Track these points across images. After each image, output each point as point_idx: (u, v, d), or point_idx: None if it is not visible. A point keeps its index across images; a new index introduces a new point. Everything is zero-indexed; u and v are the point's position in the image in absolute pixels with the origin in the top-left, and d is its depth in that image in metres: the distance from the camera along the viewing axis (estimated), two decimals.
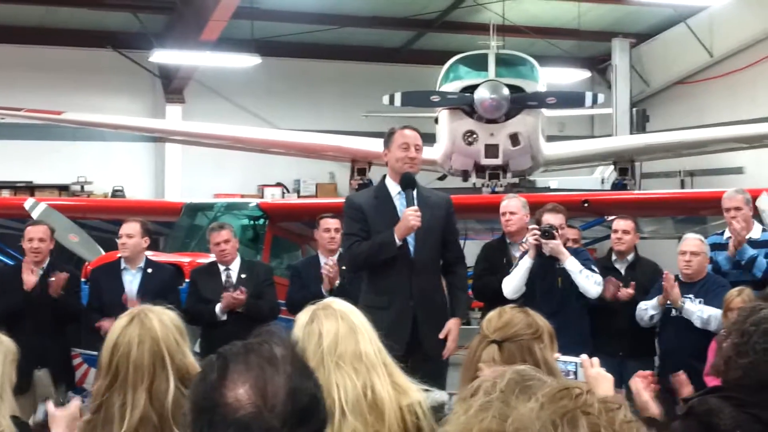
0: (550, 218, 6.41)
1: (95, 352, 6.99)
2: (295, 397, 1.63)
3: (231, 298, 7.04)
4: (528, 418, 1.11)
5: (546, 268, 6.34)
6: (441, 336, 5.34)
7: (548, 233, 6.24)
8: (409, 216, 5.19)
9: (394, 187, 5.46)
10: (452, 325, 5.40)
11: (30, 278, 6.88)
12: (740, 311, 3.06)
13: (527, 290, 6.33)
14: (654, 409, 3.16)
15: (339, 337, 2.63)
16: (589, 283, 6.26)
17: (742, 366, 2.76)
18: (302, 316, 2.73)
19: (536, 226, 6.30)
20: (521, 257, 6.41)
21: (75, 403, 3.01)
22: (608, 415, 1.12)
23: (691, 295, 6.44)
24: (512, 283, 6.30)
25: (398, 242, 5.25)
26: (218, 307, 7.09)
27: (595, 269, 6.43)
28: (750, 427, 2.60)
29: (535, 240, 6.21)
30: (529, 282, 6.33)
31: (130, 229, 7.08)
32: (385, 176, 5.58)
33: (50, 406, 2.99)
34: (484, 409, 1.16)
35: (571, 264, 6.24)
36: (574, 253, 6.47)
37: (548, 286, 6.32)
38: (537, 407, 1.13)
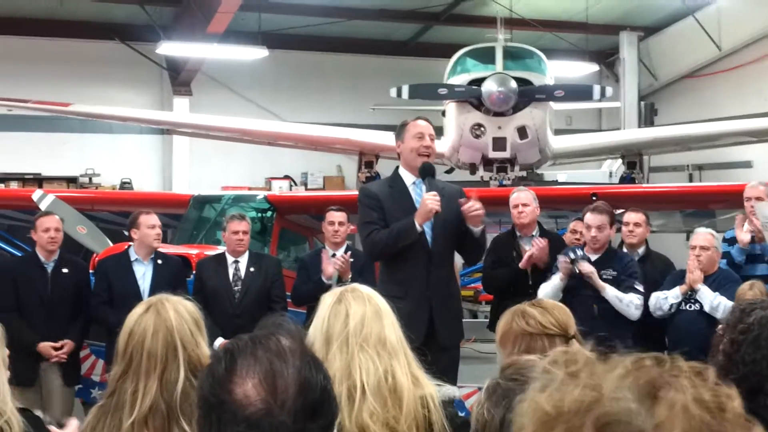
0: (589, 219, 6.37)
1: (103, 344, 7.06)
2: (305, 391, 1.59)
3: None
4: (620, 384, 1.08)
5: (581, 297, 6.23)
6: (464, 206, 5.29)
7: (575, 262, 6.15)
8: (428, 200, 5.17)
9: (408, 178, 5.44)
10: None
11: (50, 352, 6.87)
12: (731, 312, 2.91)
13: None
14: None
15: (365, 319, 2.63)
16: (630, 310, 6.23)
17: (731, 380, 2.69)
18: (328, 297, 2.72)
19: (565, 258, 6.23)
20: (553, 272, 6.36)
21: (73, 423, 3.00)
22: (700, 378, 1.11)
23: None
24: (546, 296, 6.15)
25: (419, 228, 5.23)
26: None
27: (638, 283, 6.32)
28: None
29: (566, 264, 6.20)
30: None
31: (157, 219, 7.11)
32: (397, 168, 5.56)
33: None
34: (572, 379, 1.12)
35: (611, 293, 6.20)
36: (621, 265, 6.38)
37: (584, 313, 6.11)
38: (624, 373, 1.10)
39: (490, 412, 2.25)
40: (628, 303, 6.21)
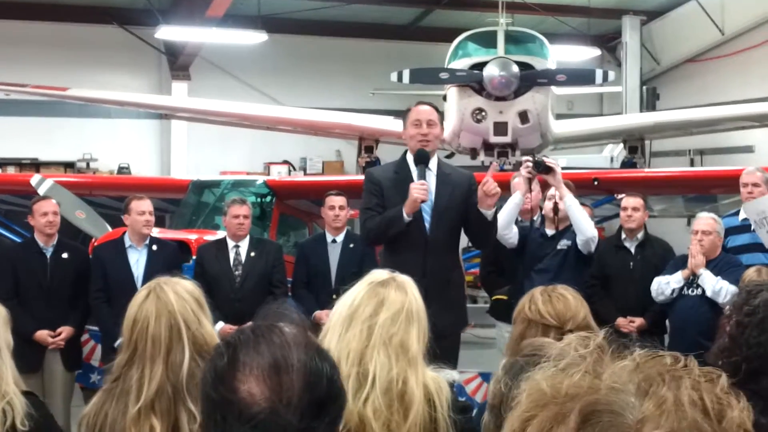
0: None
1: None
2: (311, 387, 1.54)
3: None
4: (624, 376, 1.06)
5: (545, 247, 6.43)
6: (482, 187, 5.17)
7: (541, 164, 5.92)
8: (413, 190, 5.12)
9: (413, 164, 5.38)
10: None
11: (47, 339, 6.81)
12: (738, 293, 2.91)
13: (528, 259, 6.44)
14: None
15: (397, 318, 2.56)
16: (589, 222, 6.30)
17: (733, 362, 2.64)
18: (372, 277, 2.69)
19: (529, 157, 6.17)
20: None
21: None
22: (708, 382, 1.07)
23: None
24: (501, 219, 6.07)
25: (406, 217, 5.17)
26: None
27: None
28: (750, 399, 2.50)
29: (528, 173, 6.05)
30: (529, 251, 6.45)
31: (149, 205, 7.04)
32: (406, 152, 5.51)
33: None
34: (575, 365, 1.12)
35: (571, 200, 6.21)
36: None
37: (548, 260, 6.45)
38: (632, 366, 1.09)
39: (507, 385, 2.24)
40: (588, 219, 6.31)
